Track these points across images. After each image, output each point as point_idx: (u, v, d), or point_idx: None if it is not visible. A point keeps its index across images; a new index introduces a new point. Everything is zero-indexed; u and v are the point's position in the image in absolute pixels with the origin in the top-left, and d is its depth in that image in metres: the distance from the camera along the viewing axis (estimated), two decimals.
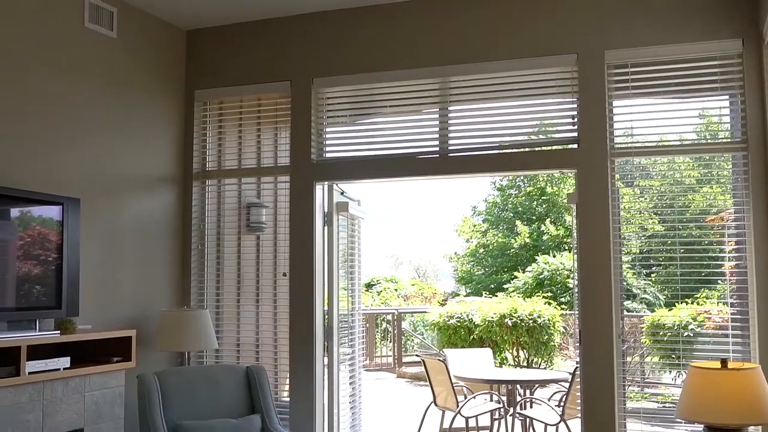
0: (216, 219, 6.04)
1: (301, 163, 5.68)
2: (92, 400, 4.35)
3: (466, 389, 7.58)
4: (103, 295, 5.07)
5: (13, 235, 4.14)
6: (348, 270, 6.13)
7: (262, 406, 5.10)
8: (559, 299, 14.82)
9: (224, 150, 6.06)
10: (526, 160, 5.35)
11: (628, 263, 5.09)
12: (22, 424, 3.87)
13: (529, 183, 23.18)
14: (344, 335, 6.05)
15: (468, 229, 24.22)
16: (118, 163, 5.29)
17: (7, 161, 4.36)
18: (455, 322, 12.23)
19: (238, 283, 6.03)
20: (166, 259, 5.75)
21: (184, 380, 5.04)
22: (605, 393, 4.89)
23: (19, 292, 4.13)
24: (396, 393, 11.83)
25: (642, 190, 5.61)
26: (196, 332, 5.27)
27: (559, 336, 12.11)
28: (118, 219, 5.27)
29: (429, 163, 5.46)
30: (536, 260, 17.32)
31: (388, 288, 21.02)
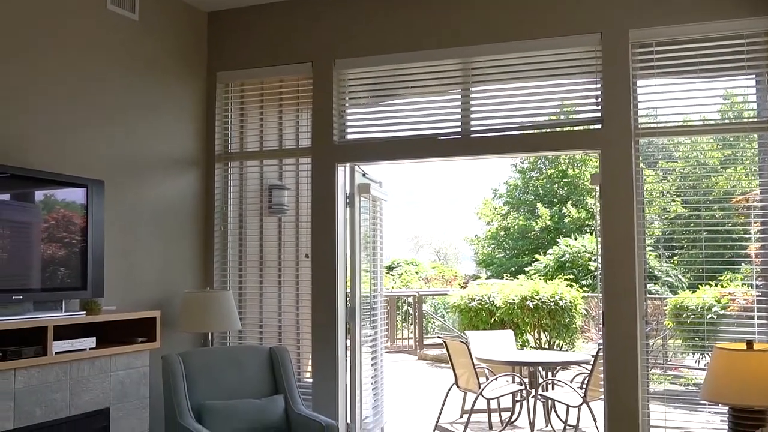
0: (238, 201, 6.06)
1: (322, 144, 5.68)
2: (118, 380, 4.39)
3: (487, 371, 7.58)
4: (127, 277, 5.11)
5: (38, 217, 4.17)
6: (370, 252, 6.14)
7: (285, 387, 5.13)
8: (581, 282, 14.75)
9: (246, 132, 6.07)
10: (549, 141, 5.31)
11: (651, 246, 5.04)
12: (50, 403, 3.92)
13: (551, 165, 23.05)
14: (366, 317, 6.07)
15: (489, 212, 24.15)
16: (141, 145, 5.31)
17: (32, 144, 4.39)
18: (476, 304, 12.22)
19: (260, 265, 6.06)
20: (189, 241, 5.78)
21: (207, 361, 5.08)
22: (628, 375, 4.87)
23: (45, 274, 4.16)
24: (417, 375, 11.86)
25: (665, 172, 5.56)
26: (219, 313, 5.30)
27: (580, 318, 12.07)
28: (142, 201, 5.30)
29: (451, 144, 5.44)
30: (557, 243, 17.24)
31: (409, 271, 21.03)
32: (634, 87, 4.99)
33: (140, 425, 4.54)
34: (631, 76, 4.97)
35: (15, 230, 4.07)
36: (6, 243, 3.98)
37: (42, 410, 3.87)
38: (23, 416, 3.76)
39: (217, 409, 4.80)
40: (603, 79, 5.03)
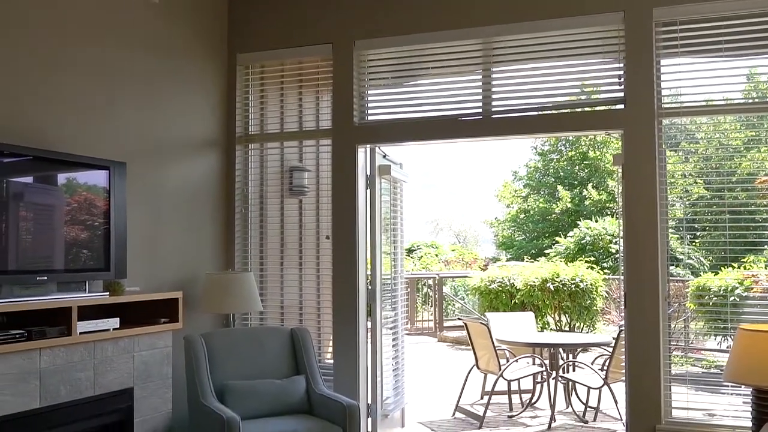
0: (259, 183, 6.07)
1: (343, 126, 5.67)
2: (141, 360, 4.43)
3: (508, 353, 7.58)
4: (150, 258, 5.14)
5: (61, 200, 4.20)
6: (390, 233, 6.14)
7: (306, 368, 5.16)
8: (602, 264, 14.69)
9: (266, 114, 6.07)
10: (571, 121, 5.26)
11: (672, 228, 5.01)
12: (75, 382, 3.97)
13: (571, 147, 22.92)
14: (387, 299, 6.07)
15: (509, 195, 24.08)
16: (162, 127, 5.32)
17: (53, 127, 4.42)
18: (497, 286, 12.20)
19: (281, 247, 6.07)
20: (210, 223, 5.81)
21: (229, 341, 5.11)
22: (650, 356, 4.85)
23: (68, 256, 4.20)
24: (437, 357, 11.89)
25: (686, 154, 5.50)
26: (240, 294, 5.32)
27: (601, 301, 12.02)
28: (163, 183, 5.32)
29: (472, 124, 5.41)
30: (578, 225, 17.16)
31: (429, 253, 21.04)
32: (657, 66, 4.94)
33: (164, 405, 4.58)
34: (654, 56, 4.91)
35: (38, 213, 4.10)
36: (30, 225, 4.01)
37: (67, 389, 3.92)
38: (49, 395, 3.81)
39: (239, 389, 4.84)
40: (626, 59, 4.97)
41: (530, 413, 7.41)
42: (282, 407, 4.89)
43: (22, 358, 3.67)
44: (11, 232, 3.88)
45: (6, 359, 3.59)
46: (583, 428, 6.78)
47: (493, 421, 7.09)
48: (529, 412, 7.43)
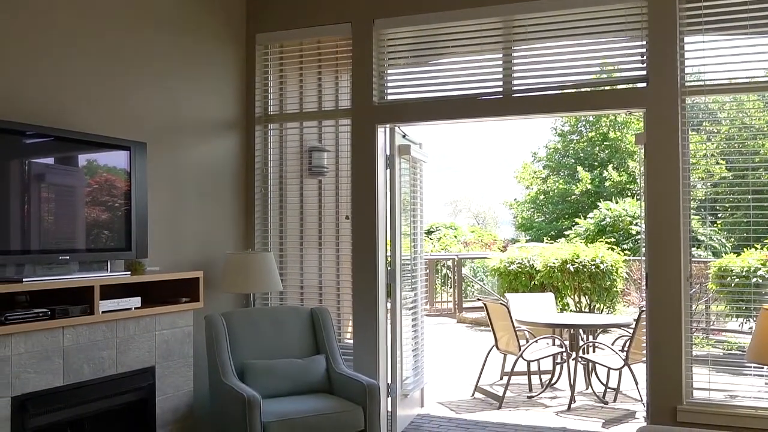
0: (278, 163, 6.07)
1: (362, 105, 5.65)
2: (162, 339, 4.46)
3: (528, 333, 7.57)
4: (170, 238, 5.16)
5: (82, 181, 4.21)
6: (410, 213, 6.12)
7: (326, 347, 5.17)
8: (622, 246, 14.60)
9: (285, 94, 6.06)
10: (593, 100, 5.20)
11: (693, 209, 4.96)
12: (98, 360, 4.00)
13: (592, 128, 22.76)
14: (406, 280, 6.07)
15: (528, 176, 23.99)
16: (181, 107, 5.33)
17: (75, 107, 4.43)
18: (516, 267, 12.18)
19: (300, 227, 6.08)
20: (230, 203, 5.82)
21: (250, 321, 5.14)
22: (672, 337, 4.82)
23: (89, 236, 4.22)
24: (457, 337, 11.90)
25: (708, 135, 5.44)
26: (260, 274, 5.34)
27: (621, 282, 11.96)
28: (183, 163, 5.33)
29: (492, 104, 5.37)
30: (598, 206, 17.06)
31: (448, 234, 21.01)
32: (680, 44, 4.87)
33: (185, 383, 4.61)
34: (678, 33, 4.84)
35: (60, 194, 4.12)
36: (52, 206, 4.04)
37: (90, 367, 3.96)
38: (72, 373, 3.85)
39: (260, 368, 4.86)
40: (649, 36, 4.91)
41: (550, 394, 7.41)
42: (302, 386, 4.92)
43: (45, 336, 3.71)
44: (33, 212, 3.91)
45: (30, 337, 3.62)
46: (603, 409, 6.77)
47: (512, 401, 7.09)
48: (548, 393, 7.43)
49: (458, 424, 6.21)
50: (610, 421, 6.33)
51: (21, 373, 3.58)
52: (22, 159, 3.88)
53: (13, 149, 3.81)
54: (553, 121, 23.79)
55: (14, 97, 4.04)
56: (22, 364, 3.59)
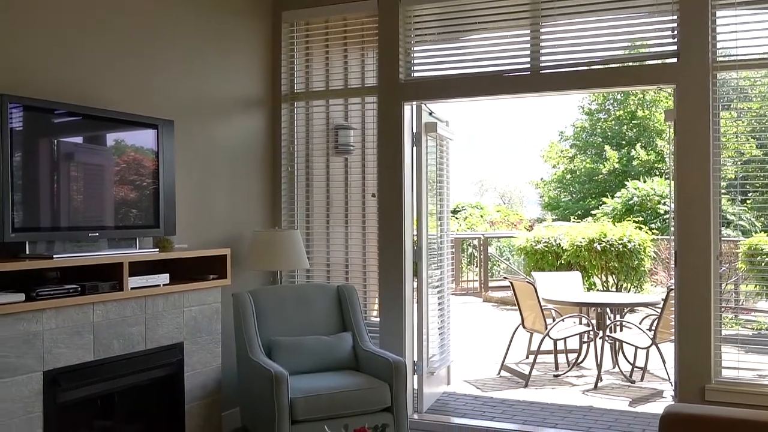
0: (305, 141, 6.07)
1: (388, 83, 5.62)
2: (191, 316, 4.50)
3: (554, 312, 7.55)
4: (197, 216, 5.19)
5: (110, 160, 4.24)
6: (436, 191, 6.10)
7: (352, 324, 5.19)
8: (650, 225, 14.48)
9: (311, 72, 6.05)
10: (622, 76, 5.12)
11: (724, 189, 4.90)
12: (127, 336, 4.04)
13: (619, 107, 22.53)
14: (433, 259, 6.06)
15: (555, 155, 23.83)
16: (208, 85, 5.33)
17: (101, 86, 4.45)
18: (542, 246, 12.13)
19: (327, 205, 6.08)
20: (256, 181, 5.84)
21: (277, 298, 5.16)
22: (701, 315, 4.78)
23: (118, 214, 4.24)
24: (483, 316, 11.90)
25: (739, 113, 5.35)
26: (287, 252, 5.35)
27: (649, 261, 11.88)
28: (210, 141, 5.35)
29: (520, 80, 5.32)
30: (626, 186, 16.91)
31: (474, 214, 20.96)
32: (712, 18, 4.78)
33: (213, 359, 4.65)
34: (709, 7, 4.75)
35: (89, 172, 4.15)
36: (80, 184, 4.07)
37: (120, 343, 4.00)
38: (102, 348, 3.89)
39: (287, 345, 4.89)
40: (680, 11, 4.83)
41: (576, 373, 7.40)
42: (329, 363, 4.94)
43: (76, 312, 3.75)
44: (63, 190, 3.94)
45: (61, 313, 3.67)
46: (630, 388, 6.75)
47: (538, 380, 7.09)
48: (575, 372, 7.42)
49: (484, 402, 6.21)
50: (636, 400, 6.31)
51: (52, 348, 3.62)
52: (52, 137, 3.91)
53: (42, 127, 3.84)
54: (581, 100, 23.57)
55: (42, 75, 4.06)
56: (54, 339, 3.63)
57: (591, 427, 5.45)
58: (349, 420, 4.27)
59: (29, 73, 3.99)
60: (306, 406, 4.39)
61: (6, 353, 3.39)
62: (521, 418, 5.70)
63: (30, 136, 3.74)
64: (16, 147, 3.61)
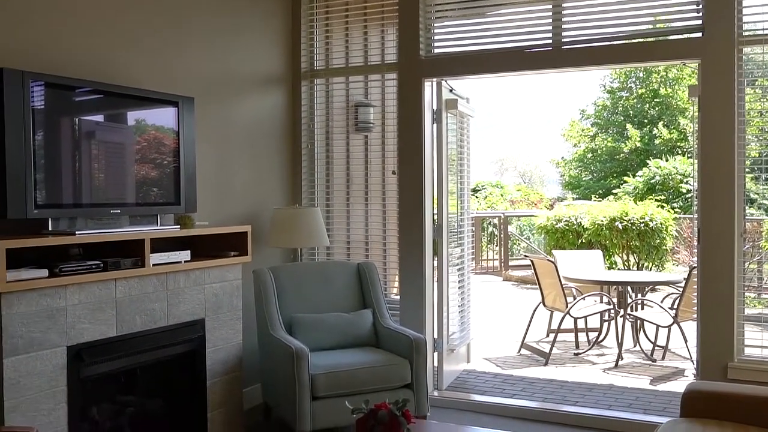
0: (324, 119, 6.06)
1: (409, 59, 5.58)
2: (212, 292, 4.52)
3: (575, 290, 7.52)
4: (218, 193, 5.20)
5: (130, 138, 4.25)
6: (457, 169, 6.08)
7: (373, 301, 5.20)
8: (672, 204, 14.36)
9: (331, 48, 6.02)
10: (645, 51, 5.04)
11: (748, 167, 4.84)
12: (149, 312, 4.07)
13: (641, 85, 22.28)
14: (453, 237, 6.05)
15: (576, 134, 23.63)
16: (228, 62, 5.32)
17: (122, 62, 4.45)
18: (563, 225, 12.07)
19: (347, 182, 6.08)
20: (277, 158, 5.83)
21: (297, 275, 5.18)
22: (724, 293, 4.74)
23: (139, 192, 4.25)
24: (503, 295, 11.89)
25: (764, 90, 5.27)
26: (307, 229, 5.36)
27: (671, 240, 11.79)
28: (230, 118, 5.35)
29: (542, 56, 5.26)
30: (647, 165, 16.77)
31: (494, 193, 20.89)
32: None
33: (234, 336, 4.68)
34: None
35: (110, 150, 4.17)
36: (102, 163, 4.08)
37: (142, 319, 4.03)
38: (125, 324, 3.92)
39: (307, 322, 4.91)
40: None
41: (597, 351, 7.38)
42: (349, 340, 4.96)
43: (98, 287, 3.78)
44: (84, 168, 3.96)
45: (83, 289, 3.69)
46: (651, 367, 6.72)
47: (559, 358, 7.08)
48: (595, 350, 7.40)
49: (504, 380, 6.22)
50: (658, 378, 6.29)
51: (76, 323, 3.66)
52: (73, 114, 3.92)
53: (64, 104, 3.85)
54: (602, 78, 23.34)
55: (63, 53, 4.07)
56: (77, 314, 3.66)
57: (612, 405, 5.44)
58: (369, 396, 4.27)
59: (50, 50, 4.00)
60: (327, 382, 4.41)
61: (31, 328, 3.43)
62: (541, 396, 5.70)
63: (51, 113, 3.75)
64: (38, 124, 3.63)
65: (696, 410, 3.55)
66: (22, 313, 3.39)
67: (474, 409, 5.44)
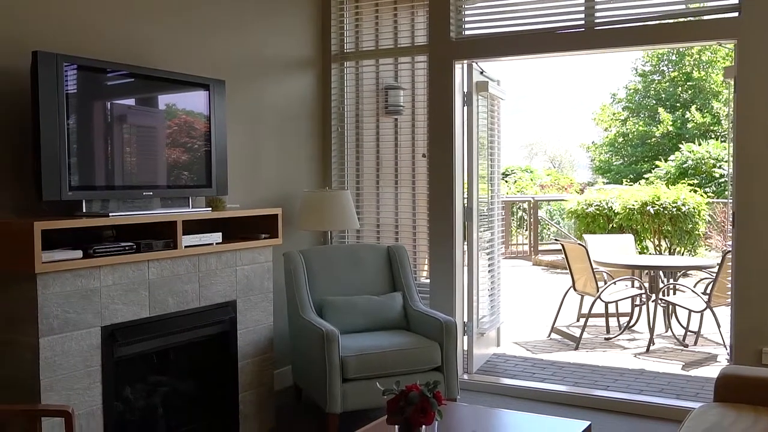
0: (354, 102, 6.05)
1: (439, 41, 5.54)
2: (243, 274, 4.54)
3: (606, 275, 7.46)
4: (249, 176, 5.22)
5: (162, 122, 4.27)
6: (487, 152, 6.04)
7: (403, 284, 5.19)
8: (704, 189, 14.18)
9: (361, 31, 6.00)
10: (680, 31, 4.95)
11: None
12: (181, 293, 4.10)
13: (674, 68, 21.98)
14: (483, 221, 6.02)
15: (606, 118, 23.40)
16: (258, 45, 5.33)
17: (153, 45, 4.47)
18: (594, 210, 11.98)
19: (377, 166, 6.07)
20: (307, 141, 5.84)
21: (327, 258, 5.19)
22: (759, 279, 4.67)
23: (170, 175, 4.28)
24: (532, 279, 11.84)
25: None
26: (337, 212, 5.36)
27: (704, 225, 11.65)
28: (260, 102, 5.36)
29: (573, 37, 5.20)
30: (680, 149, 16.55)
31: (524, 177, 20.77)
32: None
33: (265, 317, 4.70)
34: None
35: (142, 134, 4.19)
36: (134, 146, 4.11)
37: (174, 300, 4.06)
38: (158, 305, 3.96)
39: (337, 304, 4.92)
40: None
41: (628, 336, 7.33)
42: (379, 322, 4.96)
43: (131, 269, 3.81)
44: (116, 151, 3.99)
45: (117, 270, 3.73)
46: (683, 352, 6.66)
47: (589, 343, 7.04)
48: (626, 335, 7.35)
49: (534, 364, 6.20)
50: (690, 363, 6.23)
51: (109, 304, 3.69)
52: (105, 97, 3.95)
53: (96, 87, 3.88)
54: (634, 61, 23.06)
55: (94, 36, 4.10)
56: (111, 295, 3.70)
57: (643, 390, 5.40)
58: (399, 378, 4.28)
59: (80, 33, 4.02)
60: (357, 364, 4.42)
61: (66, 309, 3.47)
62: (571, 380, 5.68)
63: (84, 96, 3.77)
64: (72, 106, 3.66)
65: (730, 395, 3.51)
66: (58, 294, 3.43)
67: (504, 392, 5.43)
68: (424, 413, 2.76)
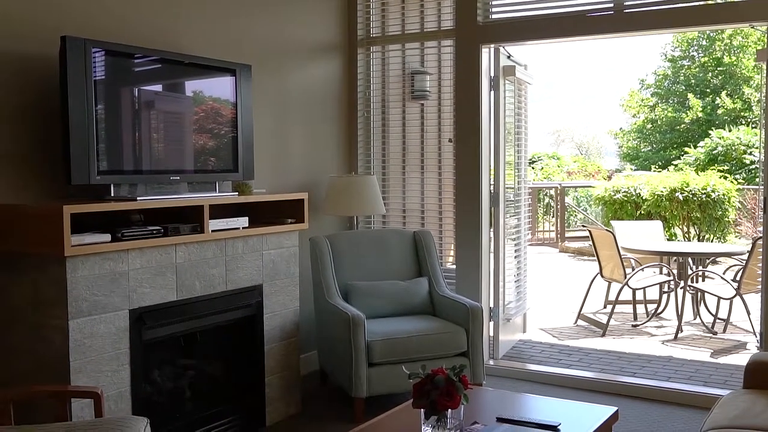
0: (380, 87, 6.03)
1: (466, 25, 5.50)
2: (269, 259, 4.55)
3: (634, 261, 7.40)
4: (275, 161, 5.22)
5: (189, 108, 4.28)
6: (514, 137, 6.00)
7: (429, 270, 5.19)
8: (735, 175, 14.00)
9: (387, 15, 5.97)
10: (711, 13, 4.87)
11: None
12: (208, 277, 4.12)
13: (704, 53, 21.68)
14: (510, 208, 5.99)
15: (635, 104, 23.17)
16: (284, 29, 5.32)
17: (179, 31, 4.48)
18: (621, 196, 11.87)
19: (403, 151, 6.05)
20: (333, 127, 5.84)
21: (353, 243, 5.19)
22: None
23: (197, 160, 4.29)
24: (559, 266, 11.78)
25: None
26: (364, 197, 5.36)
27: (734, 212, 11.50)
28: (286, 86, 5.36)
29: (603, 20, 5.13)
30: (709, 135, 16.34)
31: (550, 164, 20.63)
32: None
33: (291, 302, 4.72)
34: None
35: (169, 119, 4.20)
36: (161, 132, 4.13)
37: (201, 284, 4.08)
38: (185, 289, 3.98)
39: (363, 289, 4.93)
40: None
41: (655, 323, 7.27)
42: (405, 307, 4.96)
43: (159, 252, 3.83)
44: (144, 136, 4.01)
45: (145, 254, 3.76)
46: (712, 339, 6.60)
47: (616, 329, 6.99)
48: (654, 322, 7.29)
49: (560, 350, 6.17)
50: (718, 351, 6.16)
51: (137, 287, 3.72)
52: (133, 81, 3.97)
53: (124, 72, 3.90)
54: (663, 46, 22.79)
55: (121, 21, 4.12)
56: (138, 279, 3.73)
57: (671, 377, 5.36)
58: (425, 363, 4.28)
59: (108, 19, 4.04)
60: (383, 348, 4.43)
61: (95, 292, 3.50)
62: (598, 367, 5.64)
63: (112, 81, 3.79)
64: (99, 91, 3.68)
65: (760, 381, 3.47)
66: (86, 277, 3.46)
67: (530, 378, 5.41)
68: (450, 397, 2.76)
